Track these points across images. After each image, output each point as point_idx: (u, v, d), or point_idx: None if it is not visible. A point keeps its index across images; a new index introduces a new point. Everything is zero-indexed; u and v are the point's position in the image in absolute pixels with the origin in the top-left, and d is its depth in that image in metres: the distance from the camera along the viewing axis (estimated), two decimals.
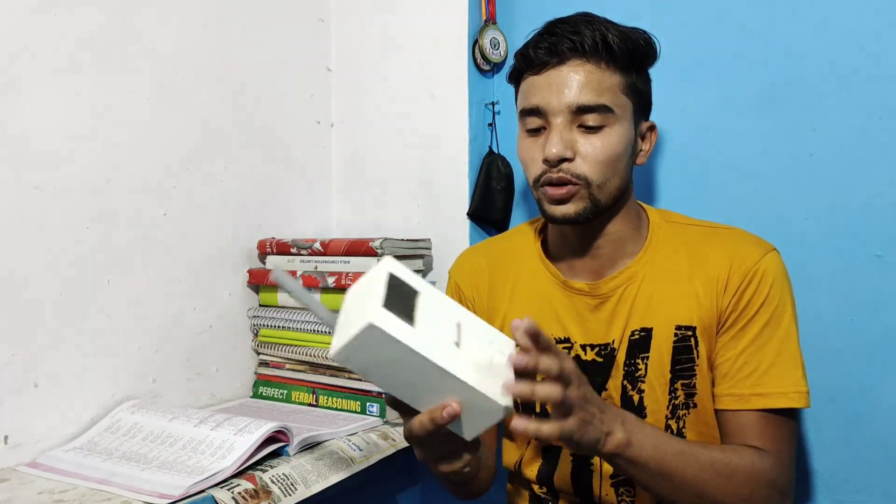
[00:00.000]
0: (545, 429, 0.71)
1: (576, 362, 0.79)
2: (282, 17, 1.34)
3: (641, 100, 0.94)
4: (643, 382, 0.93)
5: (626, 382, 0.93)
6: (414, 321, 0.67)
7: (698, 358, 0.91)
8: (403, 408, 0.74)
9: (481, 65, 1.34)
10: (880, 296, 1.07)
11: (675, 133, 1.21)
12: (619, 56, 0.90)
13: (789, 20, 1.12)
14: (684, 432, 0.93)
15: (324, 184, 1.45)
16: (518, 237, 1.08)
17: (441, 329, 0.69)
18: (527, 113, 0.93)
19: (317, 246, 1.24)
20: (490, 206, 1.33)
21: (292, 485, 0.90)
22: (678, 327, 0.92)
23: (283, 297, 1.26)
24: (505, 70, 1.35)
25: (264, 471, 0.90)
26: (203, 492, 0.83)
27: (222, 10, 1.22)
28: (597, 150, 0.89)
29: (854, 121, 1.08)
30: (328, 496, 0.95)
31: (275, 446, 0.93)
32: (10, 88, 0.92)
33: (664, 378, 0.92)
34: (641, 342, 0.93)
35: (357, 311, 0.67)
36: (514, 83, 0.99)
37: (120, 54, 1.05)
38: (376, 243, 1.19)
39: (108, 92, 1.03)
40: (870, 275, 1.07)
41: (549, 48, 0.90)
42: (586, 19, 0.91)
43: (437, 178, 1.36)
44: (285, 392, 1.24)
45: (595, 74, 0.89)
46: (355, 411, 1.16)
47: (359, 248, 1.20)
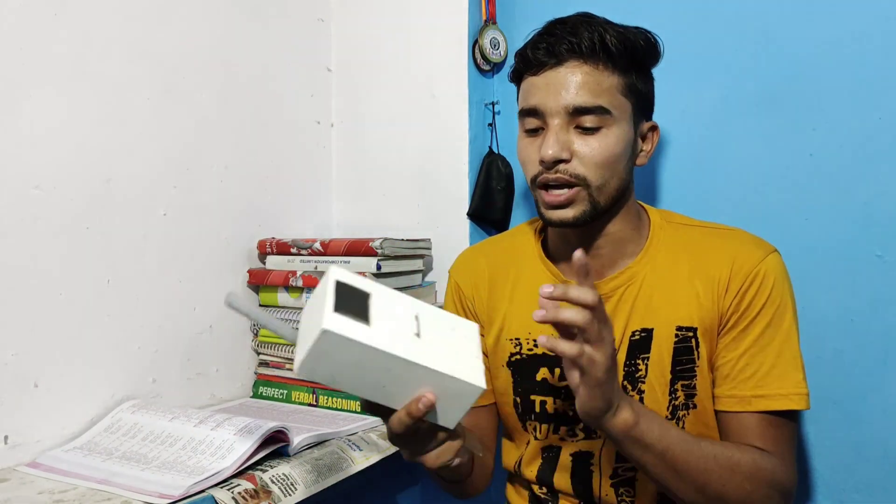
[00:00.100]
0: (563, 345, 0.72)
1: None
2: (282, 17, 1.34)
3: (642, 100, 0.94)
4: (643, 383, 0.93)
5: (626, 383, 0.93)
6: (369, 321, 0.67)
7: (699, 359, 0.91)
8: (380, 411, 0.73)
9: (481, 65, 1.34)
10: (880, 296, 1.07)
11: (675, 133, 1.21)
12: (618, 57, 0.89)
13: (789, 20, 1.12)
14: None
15: (324, 184, 1.45)
16: (518, 237, 1.08)
17: (399, 324, 0.69)
18: (525, 113, 0.93)
19: (317, 246, 1.24)
20: (490, 206, 1.33)
21: (292, 485, 0.90)
22: (679, 328, 0.92)
23: (283, 298, 1.26)
24: (505, 70, 1.35)
25: (264, 471, 0.90)
26: (203, 492, 0.83)
27: (222, 10, 1.22)
28: (594, 152, 0.89)
29: (854, 121, 1.08)
30: (328, 496, 0.95)
31: (275, 446, 0.93)
32: (11, 88, 0.92)
33: (664, 379, 0.92)
34: (642, 343, 0.93)
35: (312, 323, 0.67)
36: (515, 83, 0.99)
37: (120, 54, 1.05)
38: (376, 243, 1.18)
39: (108, 92, 1.03)
40: (870, 275, 1.07)
41: (546, 49, 0.90)
42: (585, 20, 0.91)
43: (437, 178, 1.36)
44: (285, 392, 1.24)
45: (592, 76, 0.89)
46: (355, 411, 1.16)
47: (359, 248, 1.20)
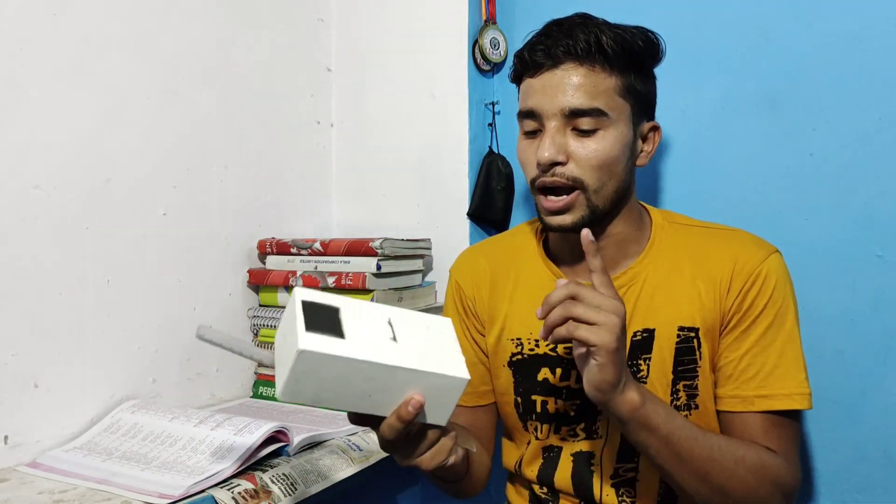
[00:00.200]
0: (598, 261, 0.79)
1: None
2: (282, 17, 1.34)
3: (641, 101, 0.93)
4: (645, 383, 0.92)
5: None
6: (343, 334, 0.67)
7: (701, 359, 0.91)
8: (369, 421, 0.73)
9: (481, 65, 1.34)
10: (880, 296, 1.07)
11: (675, 133, 1.21)
12: (614, 58, 0.89)
13: (789, 20, 1.12)
14: None
15: (324, 184, 1.45)
16: (519, 237, 1.08)
17: (374, 331, 0.70)
18: (523, 115, 0.93)
19: (317, 246, 1.24)
20: (490, 206, 1.33)
21: (292, 485, 0.90)
22: (681, 328, 0.91)
23: (282, 298, 1.26)
24: (505, 70, 1.35)
25: (264, 471, 0.90)
26: (203, 492, 0.83)
27: (222, 10, 1.22)
28: (590, 154, 0.89)
29: (854, 121, 1.08)
30: (328, 496, 0.95)
31: (275, 446, 0.93)
32: (11, 88, 0.92)
33: (666, 379, 0.92)
34: (644, 343, 0.93)
35: (287, 347, 0.67)
36: (515, 83, 0.99)
37: (120, 54, 1.05)
38: (376, 243, 1.18)
39: (108, 92, 1.03)
40: (870, 275, 1.07)
41: (543, 51, 0.90)
42: (581, 21, 0.90)
43: (437, 178, 1.36)
44: None
45: (589, 77, 0.88)
46: None
47: (359, 248, 1.20)
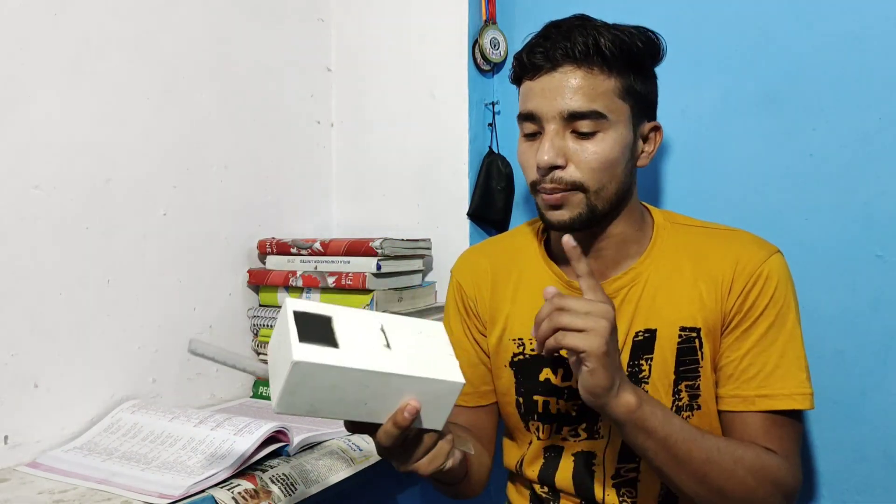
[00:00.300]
0: (584, 266, 0.81)
1: None
2: (282, 17, 1.34)
3: (641, 101, 0.93)
4: (647, 384, 0.92)
5: None
6: (337, 343, 0.67)
7: (702, 359, 0.91)
8: (366, 428, 0.73)
9: (481, 65, 1.34)
10: (880, 296, 1.07)
11: (675, 133, 1.21)
12: (613, 60, 0.88)
13: (789, 20, 1.12)
14: None
15: (324, 184, 1.45)
16: (520, 237, 1.08)
17: (367, 339, 0.70)
18: (523, 118, 0.93)
19: (317, 246, 1.24)
20: (490, 206, 1.33)
21: (292, 485, 0.90)
22: (682, 328, 0.91)
23: (282, 298, 1.25)
24: (505, 70, 1.35)
25: (264, 471, 0.90)
26: (203, 492, 0.83)
27: (222, 10, 1.22)
28: (590, 157, 0.89)
29: (854, 121, 1.08)
30: (328, 496, 0.95)
31: (275, 446, 0.93)
32: (11, 88, 0.92)
33: (668, 379, 0.92)
34: (645, 343, 0.93)
35: (281, 359, 0.67)
36: (516, 85, 0.99)
37: (120, 54, 1.05)
38: (376, 243, 1.18)
39: (108, 92, 1.03)
40: (870, 275, 1.07)
41: (542, 54, 0.90)
42: (580, 23, 0.90)
43: (437, 178, 1.36)
44: None
45: (588, 80, 0.88)
46: None
47: (359, 248, 1.20)
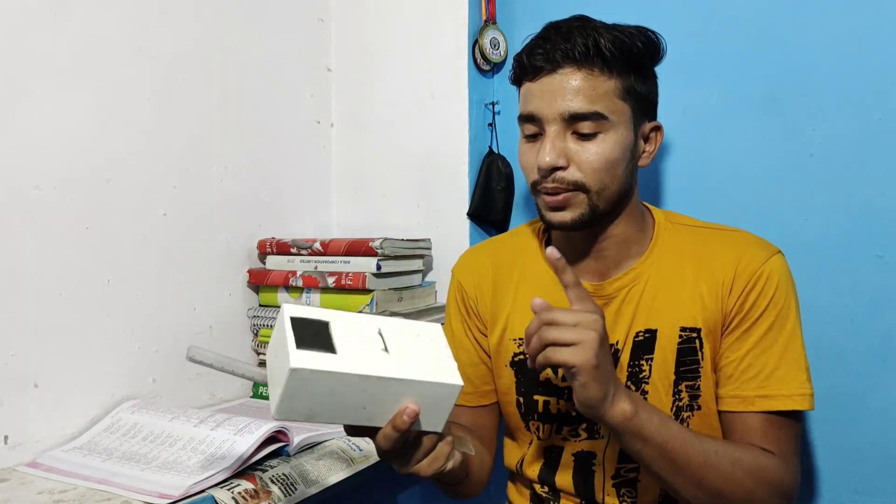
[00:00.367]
0: (570, 276, 0.80)
1: None
2: (282, 17, 1.34)
3: (642, 102, 0.93)
4: (647, 384, 0.93)
5: (629, 384, 0.93)
6: (334, 348, 0.68)
7: (703, 360, 0.91)
8: (365, 431, 0.73)
9: (481, 65, 1.34)
10: (880, 296, 1.07)
11: (675, 133, 1.21)
12: (613, 61, 0.88)
13: (790, 21, 1.12)
14: None
15: (324, 184, 1.45)
16: (521, 237, 1.08)
17: (365, 343, 0.70)
18: (524, 120, 0.93)
19: (317, 246, 1.24)
20: (490, 206, 1.33)
21: (292, 485, 0.90)
22: (683, 329, 0.91)
23: (282, 298, 1.26)
24: (505, 70, 1.35)
25: (264, 471, 0.90)
26: (203, 492, 0.83)
27: (222, 11, 1.22)
28: (592, 158, 0.89)
29: (854, 121, 1.08)
30: (328, 496, 0.95)
31: (275, 446, 0.93)
32: (11, 88, 0.92)
33: (668, 380, 0.92)
34: (646, 343, 0.93)
35: (279, 365, 0.67)
36: (516, 86, 0.99)
37: (120, 54, 1.05)
38: (376, 243, 1.18)
39: (108, 92, 1.03)
40: (870, 275, 1.07)
41: (542, 55, 0.89)
42: (580, 25, 0.90)
43: (437, 178, 1.36)
44: None
45: (588, 81, 0.88)
46: None
47: (359, 248, 1.20)
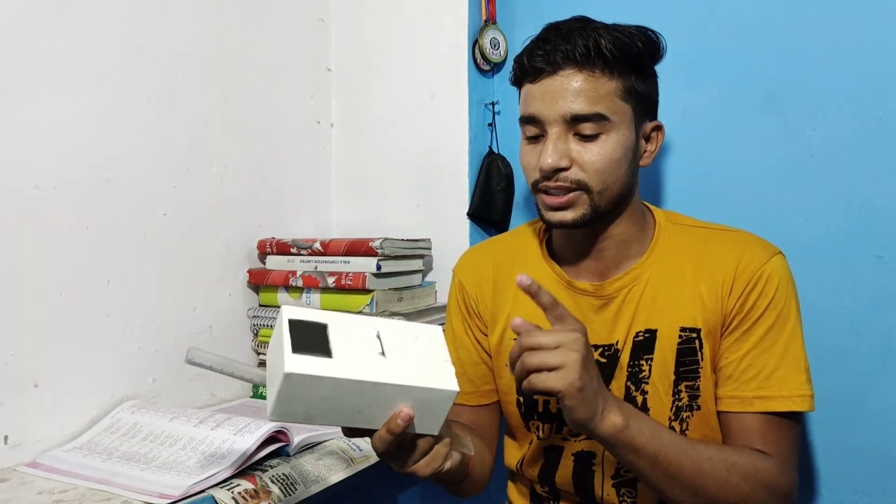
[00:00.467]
0: (546, 297, 0.76)
1: None
2: (282, 17, 1.34)
3: (643, 102, 0.93)
4: (647, 384, 0.93)
5: (629, 383, 0.93)
6: (331, 352, 0.67)
7: (703, 360, 0.91)
8: (364, 433, 0.73)
9: (481, 65, 1.34)
10: (880, 296, 1.07)
11: (675, 133, 1.21)
12: (614, 62, 0.88)
13: (790, 21, 1.12)
14: (687, 434, 0.92)
15: (324, 184, 1.45)
16: (521, 237, 1.08)
17: (362, 346, 0.70)
18: (525, 121, 0.93)
19: (317, 246, 1.24)
20: (490, 206, 1.33)
21: (292, 485, 0.90)
22: (683, 329, 0.91)
23: (282, 297, 1.26)
24: (505, 70, 1.35)
25: (264, 471, 0.90)
26: (203, 492, 0.83)
27: (223, 11, 1.22)
28: (594, 159, 0.89)
29: (854, 121, 1.08)
30: (328, 496, 0.95)
31: (275, 446, 0.93)
32: (11, 88, 0.92)
33: (668, 380, 0.92)
34: (645, 343, 0.93)
35: (276, 367, 0.67)
36: (516, 87, 0.99)
37: (120, 54, 1.05)
38: (376, 243, 1.18)
39: (108, 92, 1.03)
40: (870, 275, 1.07)
41: (543, 57, 0.89)
42: (580, 26, 0.90)
43: (437, 178, 1.36)
44: None
45: (589, 82, 0.88)
46: None
47: (359, 248, 1.20)
